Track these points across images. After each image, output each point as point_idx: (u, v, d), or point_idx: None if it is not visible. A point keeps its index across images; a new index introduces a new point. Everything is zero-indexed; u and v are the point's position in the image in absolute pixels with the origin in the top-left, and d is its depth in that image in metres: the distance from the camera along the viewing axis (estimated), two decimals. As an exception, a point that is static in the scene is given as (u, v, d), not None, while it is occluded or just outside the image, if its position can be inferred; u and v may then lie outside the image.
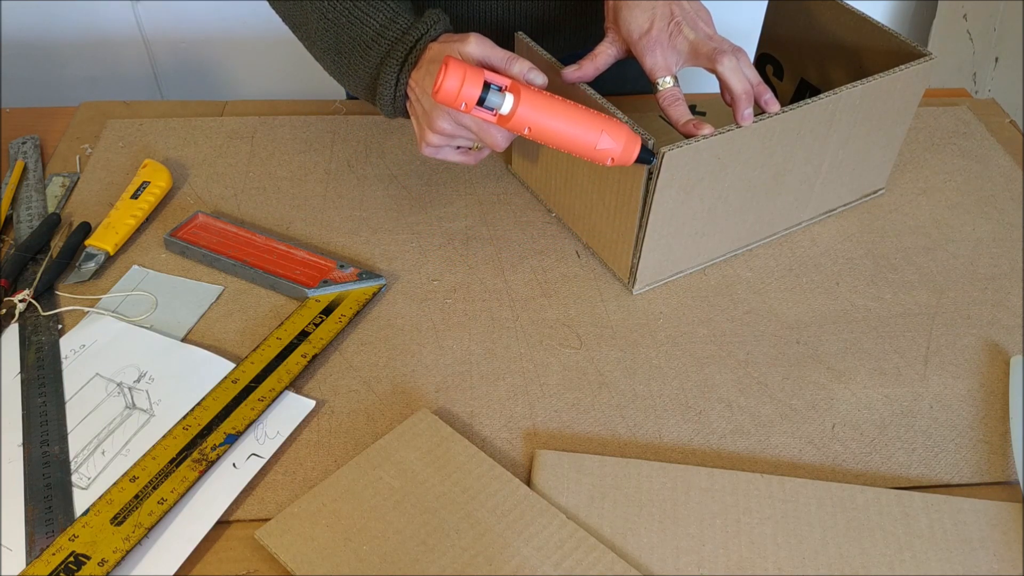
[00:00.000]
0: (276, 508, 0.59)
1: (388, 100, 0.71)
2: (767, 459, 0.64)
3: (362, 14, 0.70)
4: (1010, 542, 0.58)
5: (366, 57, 0.71)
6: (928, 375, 0.70)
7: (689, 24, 0.70)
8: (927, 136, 0.95)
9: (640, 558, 0.56)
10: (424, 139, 0.70)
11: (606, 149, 0.64)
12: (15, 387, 0.66)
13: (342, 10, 0.71)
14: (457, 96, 0.61)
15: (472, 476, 0.60)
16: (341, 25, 0.71)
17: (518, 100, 0.62)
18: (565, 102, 0.64)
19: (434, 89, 0.61)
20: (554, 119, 0.63)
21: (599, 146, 0.64)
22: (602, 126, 0.63)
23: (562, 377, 0.69)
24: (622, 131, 0.64)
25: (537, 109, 0.63)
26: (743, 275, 0.78)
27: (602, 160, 0.65)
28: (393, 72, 0.69)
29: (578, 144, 0.64)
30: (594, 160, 0.65)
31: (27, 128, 0.92)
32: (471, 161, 0.74)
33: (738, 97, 0.68)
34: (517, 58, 0.67)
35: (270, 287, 0.75)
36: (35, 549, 0.56)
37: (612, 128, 0.64)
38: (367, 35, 0.70)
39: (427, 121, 0.69)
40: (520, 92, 0.62)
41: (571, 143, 0.64)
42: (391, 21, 0.70)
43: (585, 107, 0.65)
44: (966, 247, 0.82)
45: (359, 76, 0.72)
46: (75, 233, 0.78)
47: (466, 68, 0.61)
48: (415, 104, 0.70)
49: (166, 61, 1.74)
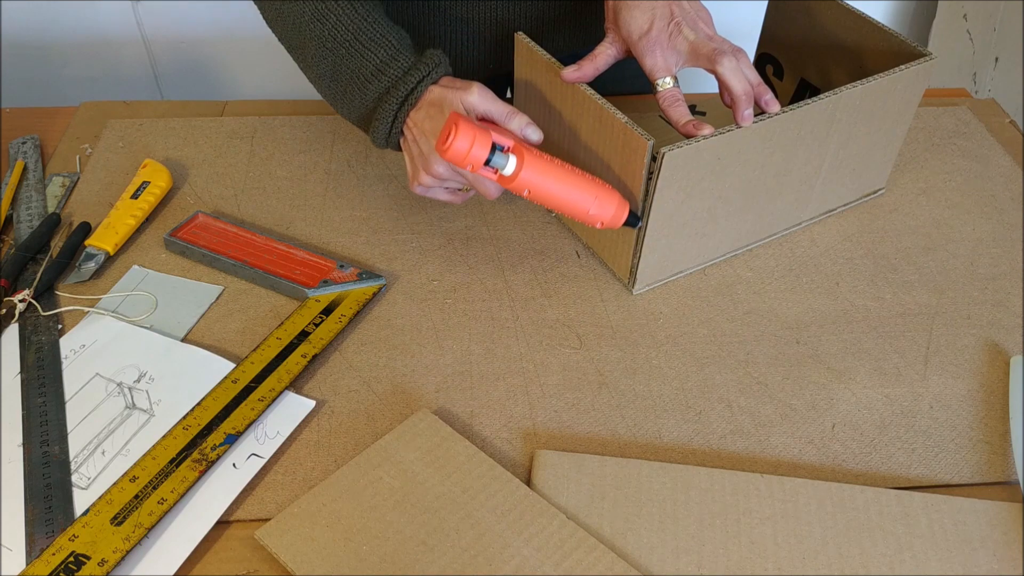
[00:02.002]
0: (276, 508, 0.59)
1: (382, 134, 0.72)
2: (767, 459, 0.64)
3: (363, 48, 0.70)
4: (1010, 542, 0.58)
5: (364, 91, 0.71)
6: (928, 375, 0.70)
7: (689, 24, 0.70)
8: (927, 136, 0.95)
9: (640, 558, 0.56)
10: (417, 179, 0.71)
11: (597, 215, 0.67)
12: (15, 387, 0.66)
13: (342, 41, 0.70)
14: (466, 157, 0.63)
15: (472, 476, 0.60)
16: (340, 56, 0.71)
17: (521, 164, 0.65)
18: (564, 166, 0.67)
19: (443, 146, 0.63)
20: (553, 184, 0.66)
21: (591, 211, 0.67)
22: (596, 192, 0.67)
23: (562, 377, 0.69)
24: (613, 198, 0.68)
25: (538, 173, 0.66)
26: (743, 275, 0.78)
27: (592, 223, 0.68)
28: (392, 109, 0.70)
29: (572, 208, 0.67)
30: (585, 222, 0.68)
31: (27, 128, 0.92)
32: (458, 201, 0.75)
33: (738, 98, 0.68)
34: (516, 113, 0.69)
35: (270, 287, 0.75)
36: (35, 549, 0.56)
37: (604, 195, 0.67)
38: (367, 69, 0.70)
39: (424, 164, 0.70)
40: (523, 156, 0.65)
41: (566, 207, 0.67)
42: (392, 59, 0.70)
43: (580, 171, 0.68)
44: (966, 247, 0.82)
45: (354, 106, 0.73)
46: (75, 233, 0.78)
47: (475, 131, 0.63)
48: (411, 144, 0.71)
49: (166, 61, 1.74)
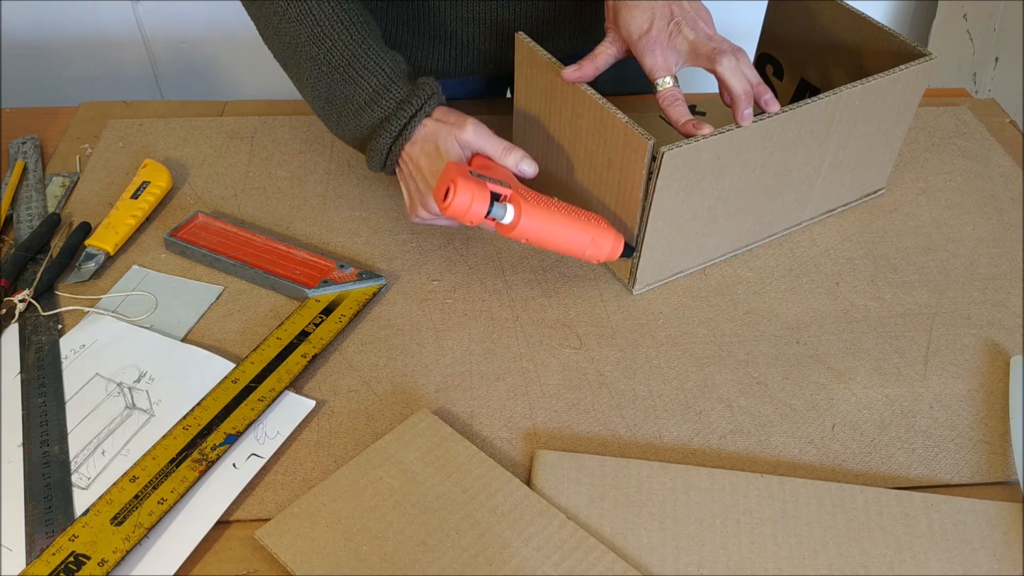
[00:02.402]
0: (276, 508, 0.59)
1: (377, 163, 0.73)
2: (767, 459, 0.64)
3: (356, 75, 0.70)
4: (1010, 542, 0.58)
5: (358, 119, 0.71)
6: (928, 375, 0.70)
7: (689, 24, 0.70)
8: (927, 136, 0.95)
9: (640, 558, 0.56)
10: (415, 213, 0.72)
11: (593, 254, 0.69)
12: (15, 387, 0.66)
13: (336, 66, 0.70)
14: (466, 213, 0.64)
15: (472, 476, 0.60)
16: (335, 81, 0.71)
17: (519, 213, 0.66)
18: (559, 209, 0.68)
19: (443, 204, 0.64)
20: (550, 232, 0.67)
21: (587, 252, 0.69)
22: (591, 232, 0.69)
23: (562, 377, 0.69)
24: (608, 236, 0.69)
25: (535, 220, 0.66)
26: (743, 275, 0.78)
27: (590, 260, 0.70)
28: (386, 143, 0.70)
29: (569, 249, 0.69)
30: (582, 259, 0.71)
31: (27, 128, 0.92)
32: (455, 224, 0.76)
33: (737, 97, 0.68)
34: (511, 149, 0.70)
35: (270, 287, 0.75)
36: (35, 549, 0.56)
37: (599, 234, 0.69)
38: (360, 97, 0.70)
39: (421, 201, 0.71)
40: (520, 205, 0.65)
41: (563, 248, 0.69)
42: (385, 88, 0.70)
43: (576, 211, 0.69)
44: (966, 247, 0.82)
45: (348, 131, 0.73)
46: (75, 233, 0.78)
47: (474, 188, 0.63)
48: (408, 178, 0.72)
49: (166, 61, 1.74)
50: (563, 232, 0.67)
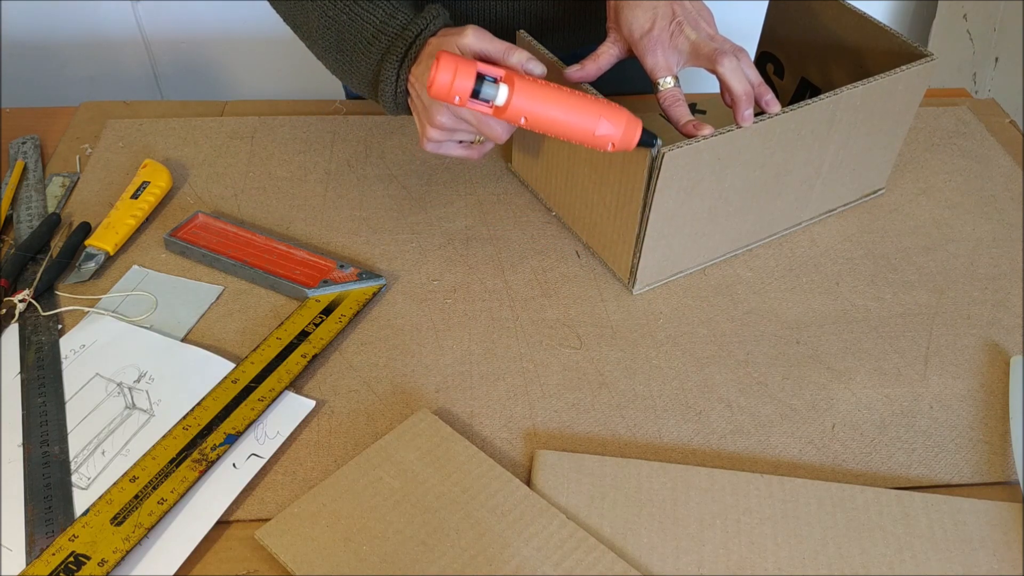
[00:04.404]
0: (276, 508, 0.59)
1: (390, 96, 0.71)
2: (767, 459, 0.64)
3: (362, 11, 0.71)
4: (1010, 542, 0.58)
5: (367, 54, 0.71)
6: (928, 375, 0.70)
7: (691, 24, 0.70)
8: (927, 136, 0.95)
9: (640, 558, 0.56)
10: (425, 135, 0.70)
11: (606, 135, 0.62)
12: (15, 387, 0.66)
13: (343, 8, 0.71)
14: (450, 90, 0.60)
15: (472, 476, 0.60)
16: (342, 23, 0.71)
17: (512, 90, 0.62)
18: (562, 89, 0.63)
19: (428, 84, 0.61)
20: (550, 107, 0.62)
21: (598, 132, 0.62)
22: (600, 111, 0.63)
23: (562, 377, 0.69)
24: (621, 115, 0.63)
25: (532, 98, 0.62)
26: (743, 275, 0.78)
27: (603, 146, 0.63)
28: (393, 68, 0.70)
29: (577, 131, 0.63)
30: (595, 147, 0.64)
31: (27, 128, 0.92)
32: (475, 156, 0.74)
33: (738, 98, 0.68)
34: (515, 48, 0.66)
35: (270, 287, 0.75)
36: (35, 549, 0.56)
37: (611, 113, 0.63)
38: (367, 32, 0.70)
39: (427, 117, 0.69)
40: (515, 82, 0.62)
41: (569, 131, 0.63)
42: (390, 17, 0.70)
43: (583, 93, 0.64)
44: (966, 247, 0.82)
45: (361, 73, 0.73)
46: (75, 233, 0.78)
47: (458, 61, 0.61)
48: (415, 100, 0.70)
49: (166, 61, 1.74)
50: (567, 110, 0.62)
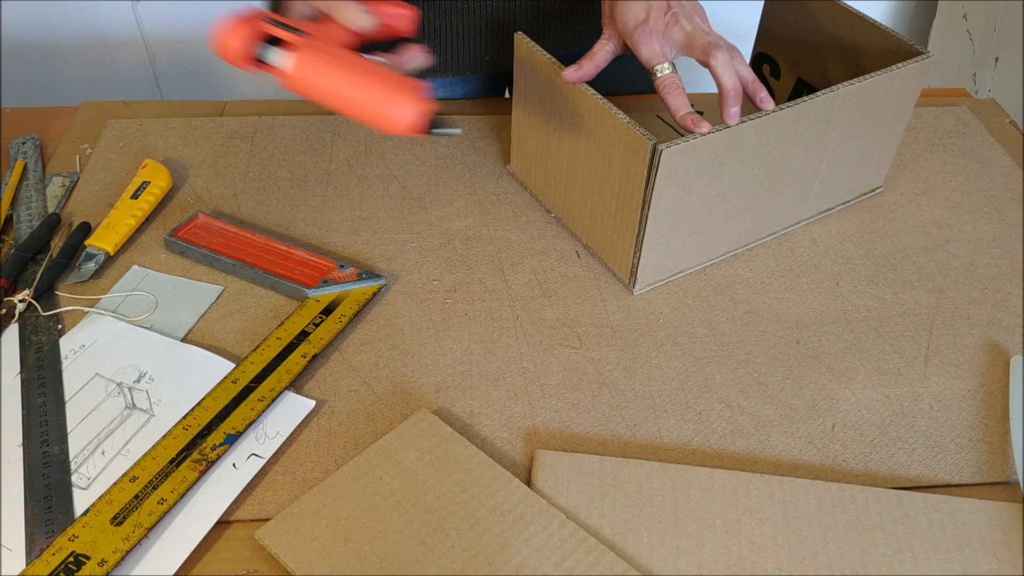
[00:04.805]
0: (276, 508, 0.59)
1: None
2: (767, 459, 0.64)
3: None
4: (1010, 542, 0.58)
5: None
6: (928, 375, 0.70)
7: (686, 17, 0.70)
8: (927, 136, 0.95)
9: (640, 558, 0.56)
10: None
11: (392, 117, 0.59)
12: (15, 387, 0.66)
13: None
14: (228, 52, 0.58)
15: (472, 476, 0.60)
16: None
17: (297, 63, 0.59)
18: (357, 63, 0.60)
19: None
20: (330, 83, 0.59)
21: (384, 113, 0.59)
22: (390, 93, 0.59)
23: (562, 377, 0.69)
24: (411, 100, 0.59)
25: (314, 71, 0.59)
26: (743, 275, 0.78)
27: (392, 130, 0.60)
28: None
29: (362, 112, 0.60)
30: (383, 130, 0.60)
31: (27, 128, 0.92)
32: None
33: (726, 93, 0.68)
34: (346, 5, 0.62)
35: (270, 287, 0.75)
36: (35, 549, 0.56)
37: (401, 96, 0.59)
38: None
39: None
40: (302, 54, 0.59)
41: (353, 110, 0.60)
42: None
43: (377, 69, 0.61)
44: (966, 247, 0.82)
45: None
46: (75, 233, 0.78)
47: (239, 26, 0.58)
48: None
49: (166, 61, 1.74)
50: (351, 87, 0.59)
